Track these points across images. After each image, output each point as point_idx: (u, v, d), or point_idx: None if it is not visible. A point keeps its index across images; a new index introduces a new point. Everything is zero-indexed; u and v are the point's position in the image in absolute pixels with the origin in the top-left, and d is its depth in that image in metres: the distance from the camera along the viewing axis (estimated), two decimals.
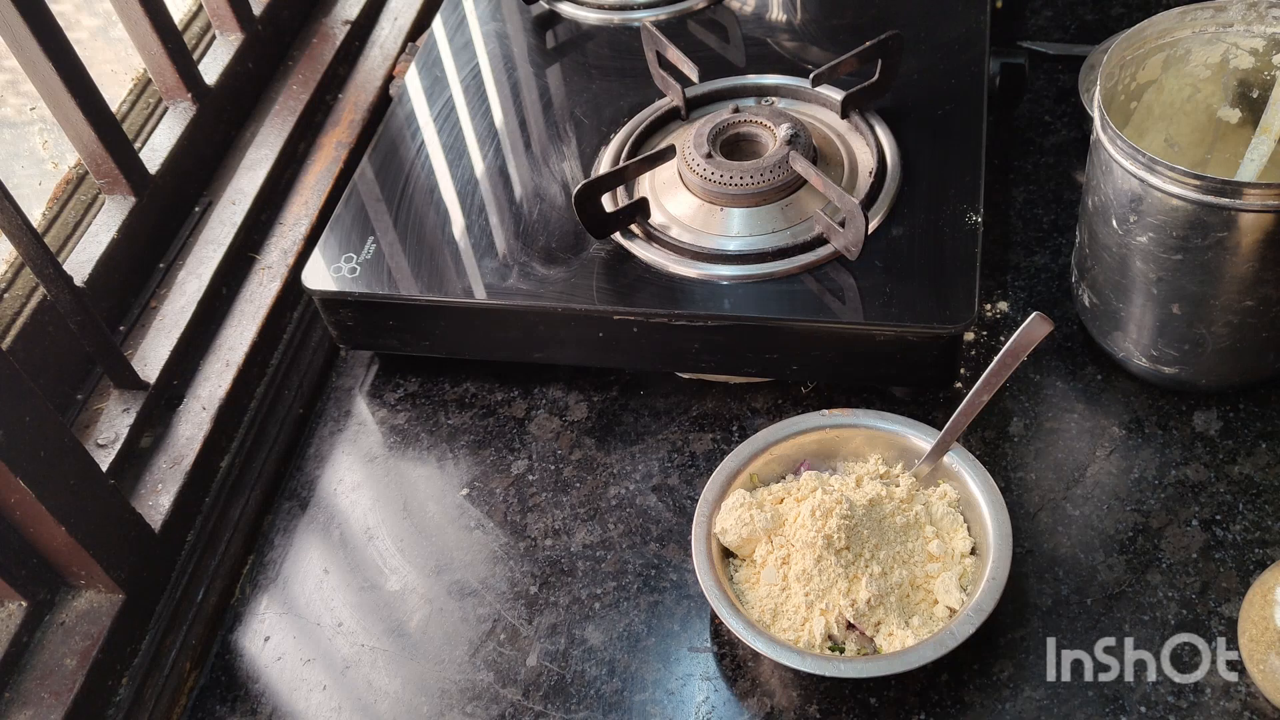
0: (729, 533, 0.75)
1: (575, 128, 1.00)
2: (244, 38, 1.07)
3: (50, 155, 0.97)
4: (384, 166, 0.98)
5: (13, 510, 0.71)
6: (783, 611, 0.73)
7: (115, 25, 0.96)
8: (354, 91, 1.13)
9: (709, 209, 0.89)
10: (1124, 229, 0.78)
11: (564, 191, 0.94)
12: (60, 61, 0.83)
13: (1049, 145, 1.05)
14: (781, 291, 0.84)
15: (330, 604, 0.82)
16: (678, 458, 0.87)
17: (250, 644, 0.81)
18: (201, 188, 1.02)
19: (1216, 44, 0.83)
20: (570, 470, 0.87)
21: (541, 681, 0.76)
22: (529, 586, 0.81)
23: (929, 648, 0.69)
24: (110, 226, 0.91)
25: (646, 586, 0.80)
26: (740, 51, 1.06)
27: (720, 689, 0.75)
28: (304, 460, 0.91)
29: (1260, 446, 0.81)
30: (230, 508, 0.87)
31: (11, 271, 0.83)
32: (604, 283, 0.86)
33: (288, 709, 0.77)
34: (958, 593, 0.72)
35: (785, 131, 0.89)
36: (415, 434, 0.91)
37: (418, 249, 0.91)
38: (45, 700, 0.72)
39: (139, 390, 0.85)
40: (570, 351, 0.89)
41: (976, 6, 1.04)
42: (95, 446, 0.82)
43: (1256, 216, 0.72)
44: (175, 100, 1.00)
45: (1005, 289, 0.94)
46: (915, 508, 0.76)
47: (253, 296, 0.96)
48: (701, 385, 0.91)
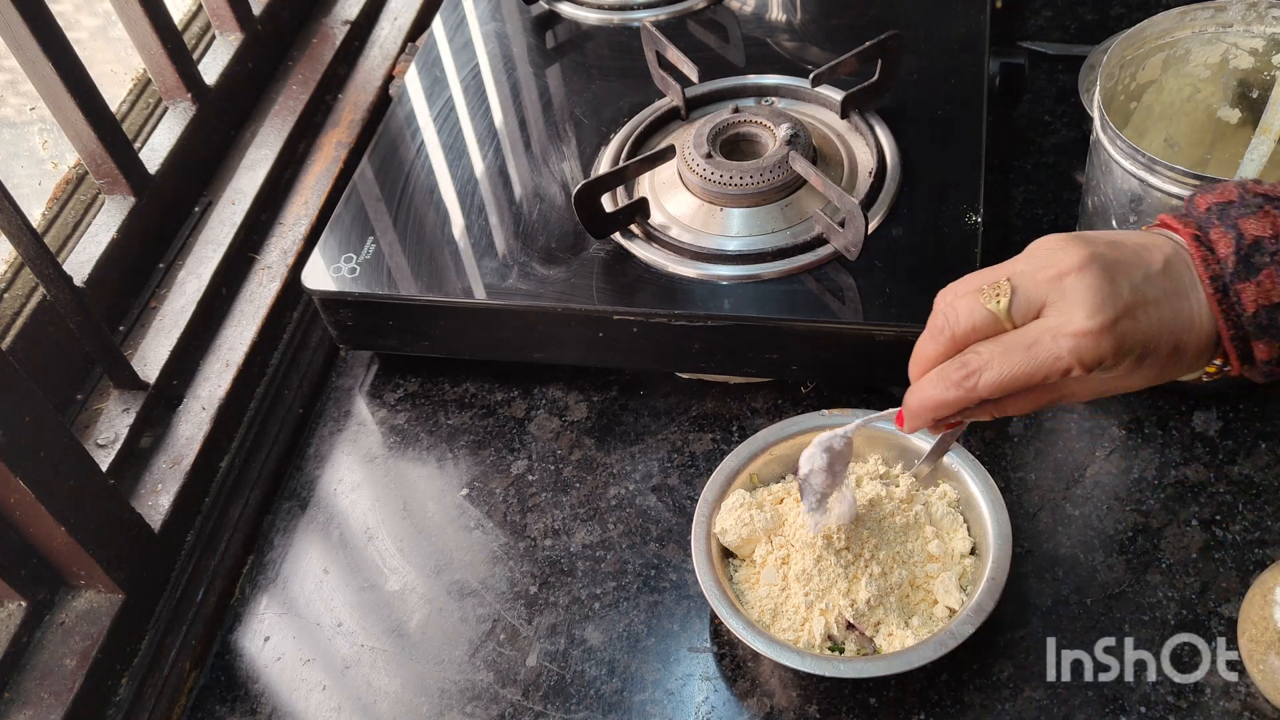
0: (729, 533, 0.75)
1: (575, 128, 1.00)
2: (244, 38, 1.07)
3: (50, 155, 0.97)
4: (384, 166, 0.98)
5: (13, 510, 0.71)
6: (782, 611, 0.73)
7: (115, 25, 0.96)
8: (354, 91, 1.13)
9: (709, 209, 0.89)
10: (1124, 229, 0.78)
11: (564, 191, 0.94)
12: (60, 61, 0.83)
13: (1049, 145, 1.05)
14: (781, 291, 0.84)
15: (330, 604, 0.82)
16: (678, 458, 0.87)
17: (250, 644, 0.81)
18: (201, 188, 1.02)
19: (1216, 44, 0.83)
20: (570, 470, 0.87)
21: (541, 681, 0.76)
22: (529, 586, 0.81)
23: (929, 648, 0.69)
24: (110, 226, 0.91)
25: (646, 586, 0.80)
26: (740, 51, 1.06)
27: (720, 689, 0.75)
28: (304, 460, 0.91)
29: (1260, 447, 0.81)
30: (230, 508, 0.87)
31: (11, 271, 0.83)
32: (604, 283, 0.86)
33: (288, 709, 0.77)
34: (957, 593, 0.72)
35: (785, 131, 0.89)
36: (415, 434, 0.91)
37: (417, 249, 0.91)
38: (45, 700, 0.72)
39: (139, 390, 0.85)
40: (570, 351, 0.89)
41: (976, 6, 1.04)
42: (95, 446, 0.82)
43: None
44: (175, 100, 1.00)
45: None
46: (915, 508, 0.76)
47: (252, 296, 0.96)
48: (701, 385, 0.91)
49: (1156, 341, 0.57)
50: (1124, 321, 0.55)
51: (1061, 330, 0.56)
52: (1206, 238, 0.57)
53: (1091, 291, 0.55)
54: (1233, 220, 0.57)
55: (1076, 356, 0.55)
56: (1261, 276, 0.55)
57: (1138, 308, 0.56)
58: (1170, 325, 0.57)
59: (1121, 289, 0.56)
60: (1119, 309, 0.55)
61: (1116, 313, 0.55)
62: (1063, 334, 0.56)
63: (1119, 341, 0.55)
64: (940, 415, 0.61)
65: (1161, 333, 0.56)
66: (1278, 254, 0.55)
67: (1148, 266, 0.57)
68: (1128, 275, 0.56)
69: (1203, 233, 0.58)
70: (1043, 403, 0.61)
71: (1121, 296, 0.56)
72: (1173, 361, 0.58)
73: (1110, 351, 0.55)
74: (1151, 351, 0.57)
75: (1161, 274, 0.57)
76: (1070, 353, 0.56)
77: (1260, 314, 0.56)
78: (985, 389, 0.57)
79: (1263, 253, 0.56)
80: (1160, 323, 0.56)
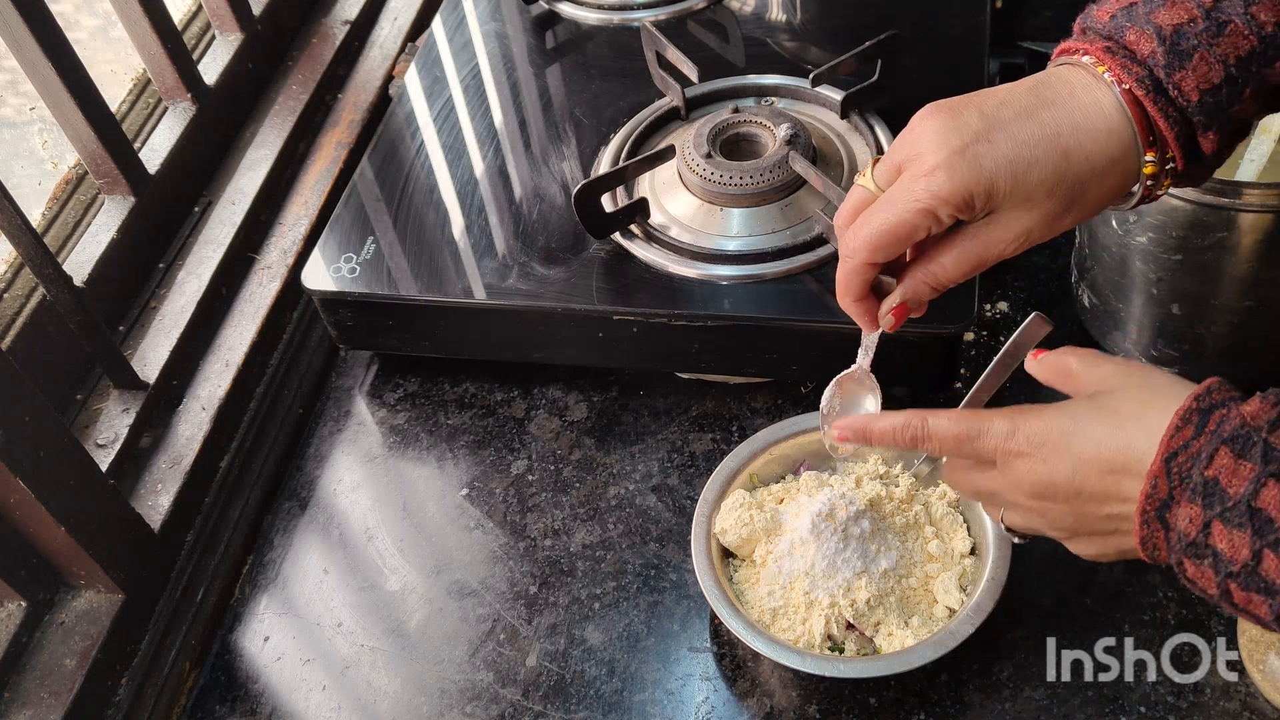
0: (729, 533, 0.75)
1: (575, 128, 1.00)
2: (244, 38, 1.07)
3: (50, 155, 0.97)
4: (384, 166, 0.98)
5: (12, 510, 0.71)
6: (782, 611, 0.73)
7: (115, 25, 0.96)
8: (354, 91, 1.13)
9: (709, 209, 0.89)
10: (1124, 229, 0.78)
11: (564, 191, 0.94)
12: (60, 61, 0.83)
13: None
14: (781, 291, 0.84)
15: (330, 604, 0.82)
16: (677, 458, 0.87)
17: (250, 644, 0.81)
18: (201, 188, 1.02)
19: None
20: (570, 470, 0.87)
21: (541, 681, 0.76)
22: (529, 586, 0.81)
23: (929, 648, 0.69)
24: (110, 226, 0.91)
25: (646, 586, 0.80)
26: (740, 51, 1.06)
27: (720, 689, 0.75)
28: (304, 460, 0.91)
29: None
30: (230, 508, 0.87)
31: (11, 271, 0.83)
32: (604, 283, 0.86)
33: (287, 709, 0.77)
34: (957, 593, 0.73)
35: (785, 131, 0.89)
36: (415, 434, 0.91)
37: (417, 249, 0.91)
38: (45, 700, 0.72)
39: (139, 390, 0.85)
40: (570, 351, 0.89)
41: (976, 6, 1.04)
42: (95, 447, 0.82)
43: (1256, 216, 0.72)
44: (175, 100, 1.00)
45: (1005, 289, 0.94)
46: (915, 508, 0.76)
47: (252, 296, 0.96)
48: (701, 385, 0.91)
49: (1030, 155, 0.55)
50: (976, 147, 0.55)
51: (915, 174, 0.56)
52: (1121, 43, 0.56)
53: (933, 131, 0.56)
54: (1145, 17, 0.56)
55: (931, 193, 0.55)
56: (1195, 61, 0.54)
57: (992, 130, 0.55)
58: (1044, 135, 0.55)
59: (968, 119, 0.56)
60: (966, 137, 0.55)
61: (964, 141, 0.55)
62: (916, 177, 0.56)
63: (974, 167, 0.55)
64: (852, 277, 0.61)
65: (1034, 146, 0.55)
66: (1202, 35, 0.54)
67: (1005, 93, 0.56)
68: (977, 106, 0.56)
69: (1114, 41, 0.56)
70: (970, 259, 0.59)
71: (969, 125, 0.55)
72: (1072, 175, 0.56)
73: (969, 179, 0.55)
74: (1031, 166, 0.55)
75: (1026, 93, 0.56)
76: (924, 191, 0.56)
77: (1206, 99, 0.54)
78: (863, 246, 0.58)
79: (1186, 38, 0.54)
80: (1027, 137, 0.55)
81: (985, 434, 0.58)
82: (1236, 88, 0.55)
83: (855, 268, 0.60)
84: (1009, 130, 0.55)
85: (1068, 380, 0.59)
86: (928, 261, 0.60)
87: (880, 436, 0.62)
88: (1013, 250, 0.58)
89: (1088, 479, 0.55)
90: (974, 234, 0.58)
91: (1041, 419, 0.57)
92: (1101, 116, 0.56)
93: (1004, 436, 0.57)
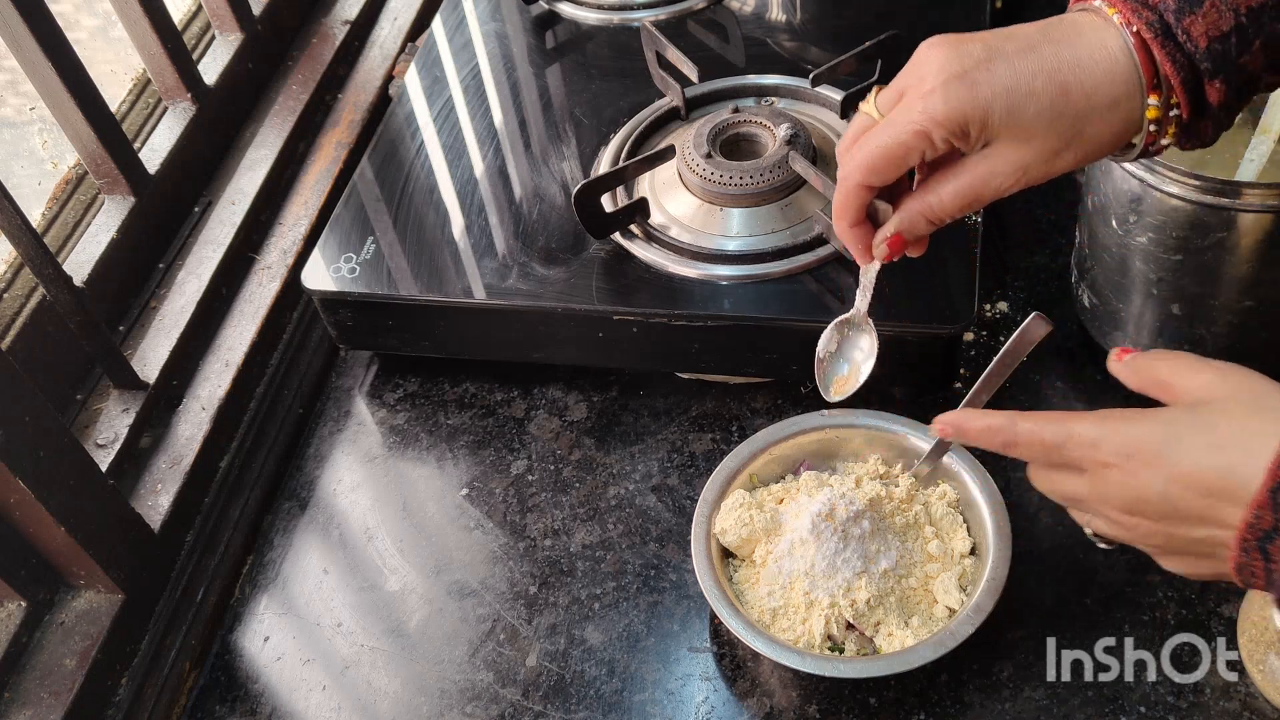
0: (729, 533, 0.75)
1: (575, 128, 1.00)
2: (244, 38, 1.07)
3: (50, 155, 0.97)
4: (384, 166, 0.98)
5: (12, 510, 0.71)
6: (782, 611, 0.73)
7: (115, 25, 0.96)
8: (354, 91, 1.13)
9: (708, 209, 0.89)
10: (1124, 229, 0.78)
11: (564, 191, 0.94)
12: (60, 61, 0.83)
13: None
14: (781, 291, 0.84)
15: (330, 604, 0.82)
16: (677, 458, 0.87)
17: (250, 644, 0.81)
18: (201, 188, 1.02)
19: None
20: (570, 470, 0.87)
21: (541, 681, 0.76)
22: (528, 586, 0.81)
23: (928, 648, 0.69)
24: (110, 226, 0.91)
25: (646, 587, 0.80)
26: (740, 51, 1.06)
27: (720, 689, 0.75)
28: (303, 460, 0.91)
29: None
30: (230, 508, 0.87)
31: (11, 271, 0.83)
32: (604, 283, 0.86)
33: (287, 709, 0.77)
34: (957, 593, 0.73)
35: (785, 131, 0.89)
36: (415, 434, 0.91)
37: (417, 249, 0.91)
38: (45, 700, 0.72)
39: (138, 390, 0.85)
40: (570, 351, 0.89)
41: (976, 6, 1.04)
42: (95, 447, 0.82)
43: (1256, 216, 0.72)
44: (175, 100, 1.00)
45: (1005, 289, 0.94)
46: (915, 508, 0.76)
47: (252, 296, 0.96)
48: (701, 385, 0.91)
49: (1028, 86, 0.55)
50: (975, 73, 0.55)
51: (914, 97, 0.56)
52: None
53: (936, 58, 0.56)
54: None
55: (927, 114, 0.55)
56: (1206, 7, 0.54)
57: (993, 59, 0.55)
58: (1044, 69, 0.55)
59: (971, 48, 0.56)
60: (966, 64, 0.55)
61: (964, 66, 0.55)
62: (915, 98, 0.56)
63: (971, 92, 0.55)
64: (848, 199, 0.61)
65: (1033, 79, 0.55)
66: None
67: (1013, 29, 0.57)
68: (982, 39, 0.56)
69: None
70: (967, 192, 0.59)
71: (971, 54, 0.55)
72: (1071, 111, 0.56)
73: (964, 103, 0.55)
74: (1028, 97, 0.55)
75: (1034, 31, 0.56)
76: (921, 113, 0.56)
77: (1214, 46, 0.54)
78: (858, 167, 0.58)
79: None
80: (1026, 69, 0.55)
81: (1070, 442, 0.57)
82: (1246, 37, 0.54)
83: (851, 189, 0.60)
84: (1010, 61, 0.55)
85: (1162, 389, 0.58)
86: (925, 192, 0.60)
87: (975, 436, 0.62)
88: (1010, 186, 0.58)
89: (1182, 498, 0.53)
90: (971, 166, 0.58)
91: (1132, 428, 0.55)
92: (1106, 56, 0.55)
93: (1090, 445, 0.56)
